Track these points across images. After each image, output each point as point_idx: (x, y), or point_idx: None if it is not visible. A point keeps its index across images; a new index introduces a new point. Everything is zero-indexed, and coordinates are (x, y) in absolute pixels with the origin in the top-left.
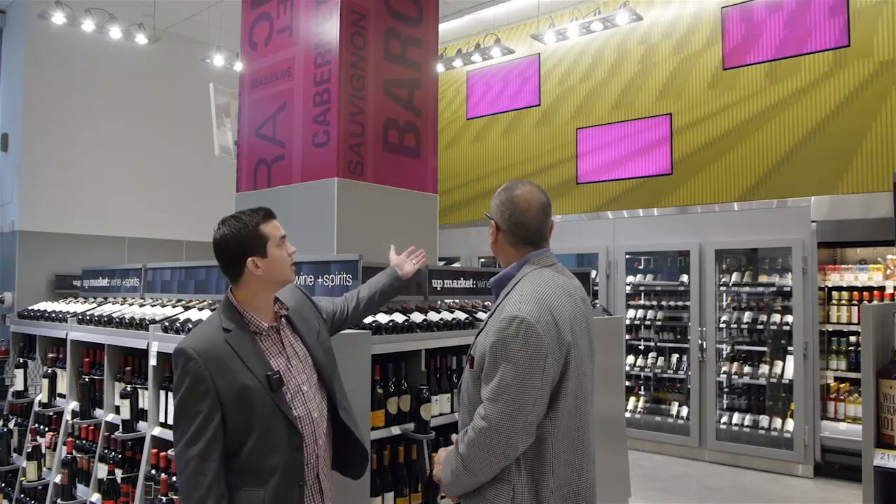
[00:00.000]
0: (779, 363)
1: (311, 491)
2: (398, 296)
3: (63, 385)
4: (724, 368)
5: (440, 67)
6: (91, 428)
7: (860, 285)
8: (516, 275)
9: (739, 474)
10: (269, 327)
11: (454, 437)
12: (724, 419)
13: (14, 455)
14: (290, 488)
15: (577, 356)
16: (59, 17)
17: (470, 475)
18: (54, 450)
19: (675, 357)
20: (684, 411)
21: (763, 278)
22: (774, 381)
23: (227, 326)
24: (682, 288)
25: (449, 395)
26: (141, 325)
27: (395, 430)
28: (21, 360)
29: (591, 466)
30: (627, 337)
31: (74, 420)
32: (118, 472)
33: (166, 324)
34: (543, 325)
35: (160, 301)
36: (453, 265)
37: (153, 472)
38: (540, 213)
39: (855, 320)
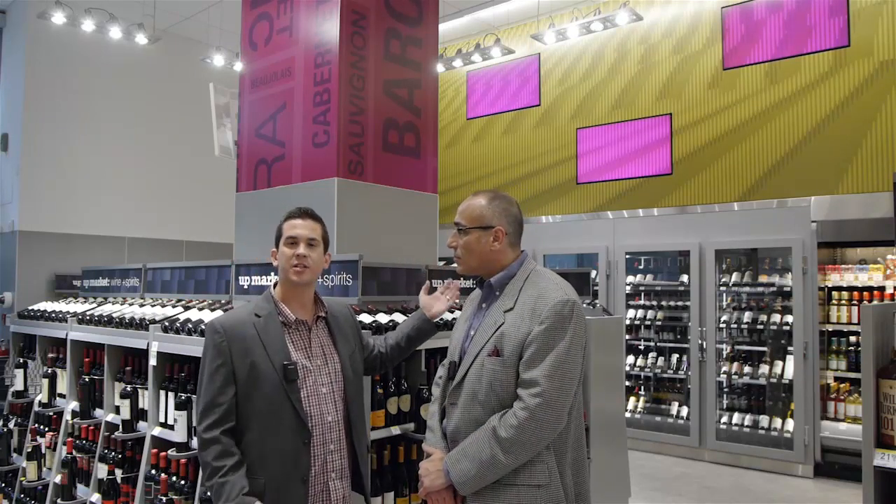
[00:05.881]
0: (779, 363)
1: (318, 497)
2: (428, 339)
3: (63, 385)
4: (724, 368)
5: (440, 67)
6: (91, 428)
7: (860, 285)
8: (519, 271)
9: (739, 474)
10: (299, 321)
11: (455, 447)
12: (724, 419)
13: (14, 455)
14: (293, 480)
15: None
16: (59, 17)
17: (512, 458)
18: (54, 450)
19: (675, 357)
20: (684, 411)
21: (763, 278)
22: (774, 381)
23: (259, 313)
24: (682, 288)
25: None
26: (141, 325)
27: (395, 430)
28: (21, 360)
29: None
30: (627, 337)
31: (74, 420)
32: (118, 472)
33: (166, 324)
34: (581, 308)
35: (160, 301)
36: (453, 265)
37: (153, 472)
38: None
39: (855, 320)
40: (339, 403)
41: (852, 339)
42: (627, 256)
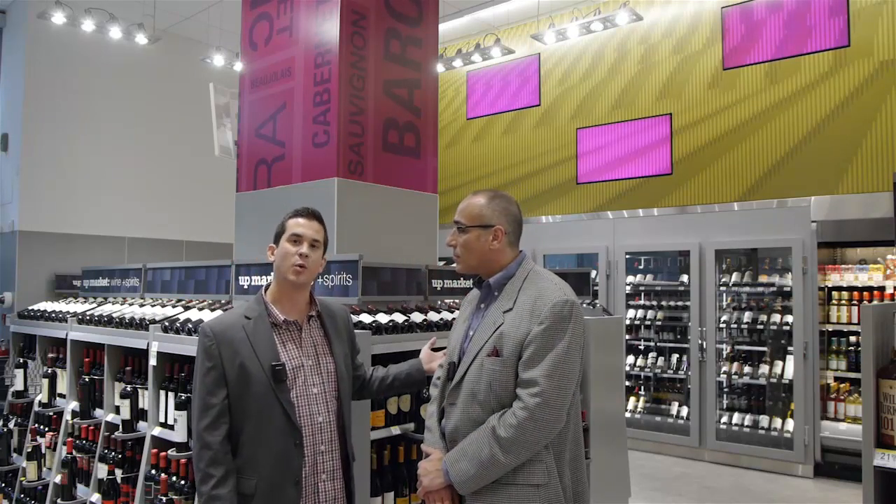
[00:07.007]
0: (779, 363)
1: (310, 499)
2: (413, 389)
3: (63, 385)
4: (724, 368)
5: (440, 67)
6: (91, 428)
7: (860, 285)
8: (518, 271)
9: (739, 474)
10: (288, 321)
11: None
12: (724, 419)
13: (14, 455)
14: (286, 482)
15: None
16: (59, 17)
17: (511, 457)
18: (54, 450)
19: (675, 357)
20: (684, 411)
21: (763, 278)
22: (774, 381)
23: (249, 315)
24: (682, 288)
25: None
26: (141, 325)
27: (395, 430)
28: (21, 360)
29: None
30: (627, 337)
31: (74, 420)
32: (118, 472)
33: (166, 324)
34: (580, 309)
35: (160, 301)
36: (453, 265)
37: (153, 472)
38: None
39: (855, 320)
40: (331, 404)
41: (852, 339)
42: (627, 256)
